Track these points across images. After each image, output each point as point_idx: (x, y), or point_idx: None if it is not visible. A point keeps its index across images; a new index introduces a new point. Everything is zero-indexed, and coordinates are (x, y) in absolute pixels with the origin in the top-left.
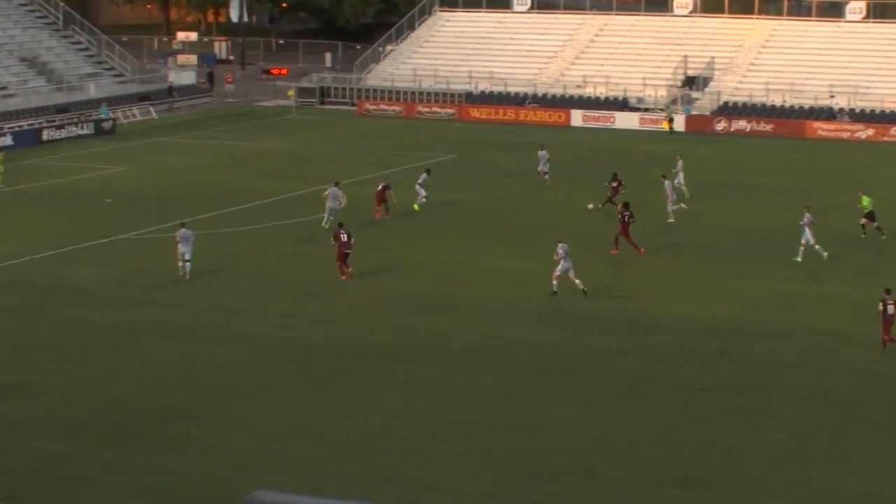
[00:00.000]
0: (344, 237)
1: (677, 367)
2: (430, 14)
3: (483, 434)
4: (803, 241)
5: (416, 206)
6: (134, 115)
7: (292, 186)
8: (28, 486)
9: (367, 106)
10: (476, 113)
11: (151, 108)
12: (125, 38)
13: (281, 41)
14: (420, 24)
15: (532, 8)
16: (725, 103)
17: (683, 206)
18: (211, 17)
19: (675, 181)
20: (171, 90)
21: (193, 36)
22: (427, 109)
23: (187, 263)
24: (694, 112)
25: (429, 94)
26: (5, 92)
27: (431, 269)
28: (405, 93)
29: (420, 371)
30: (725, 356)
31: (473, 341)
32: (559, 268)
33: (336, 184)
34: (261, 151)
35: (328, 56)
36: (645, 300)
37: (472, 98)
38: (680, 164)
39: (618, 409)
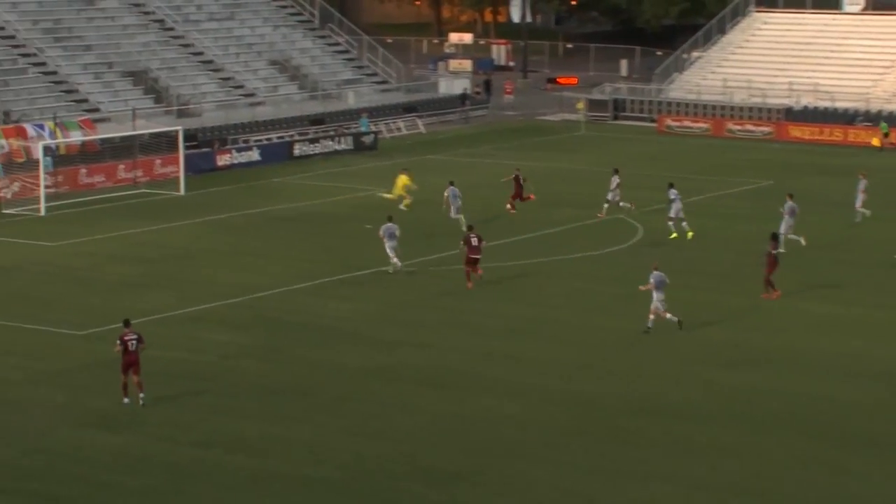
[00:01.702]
0: (474, 241)
1: None
2: (743, 15)
3: None
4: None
5: (689, 234)
6: (398, 129)
7: (580, 214)
8: None
9: (669, 122)
10: (797, 132)
11: (419, 121)
12: (389, 40)
13: (569, 45)
14: (732, 27)
15: (867, 8)
16: None
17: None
18: (489, 17)
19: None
20: (464, 98)
21: (468, 38)
22: (739, 127)
23: (395, 259)
24: None
25: (741, 108)
26: (253, 99)
27: (735, 314)
28: (713, 107)
29: (726, 434)
30: None
31: (791, 401)
32: (654, 301)
33: (452, 183)
34: (544, 173)
35: (624, 63)
36: None
37: (792, 114)
38: (862, 183)
39: None
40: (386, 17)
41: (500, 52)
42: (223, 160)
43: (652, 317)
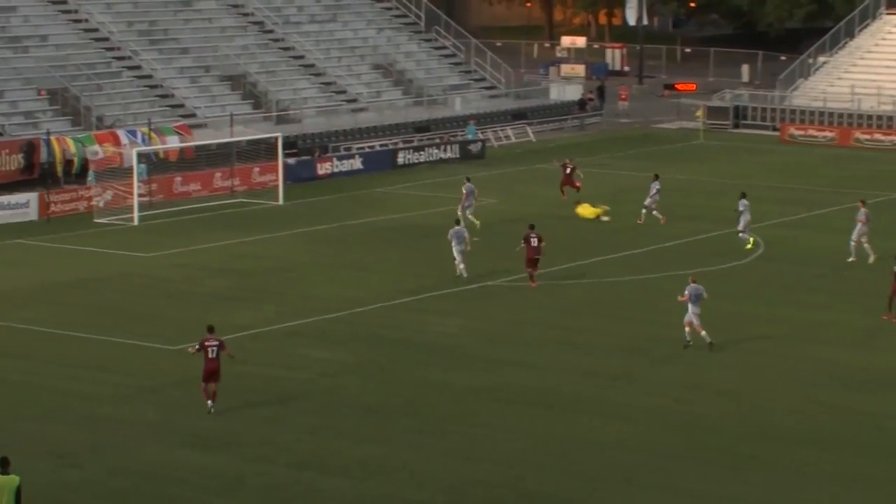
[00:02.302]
0: (534, 241)
1: None
2: (873, 18)
3: None
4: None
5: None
6: (507, 137)
7: (696, 228)
8: None
9: (793, 131)
10: None
11: (528, 129)
12: (499, 43)
13: (687, 49)
14: (861, 31)
15: None
16: None
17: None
18: (603, 20)
19: None
20: (583, 104)
21: (581, 42)
22: (867, 136)
23: (461, 265)
24: None
25: (870, 117)
26: (355, 105)
27: (859, 334)
28: (840, 115)
29: (850, 461)
30: None
31: None
32: (688, 314)
33: (468, 179)
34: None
35: (745, 68)
36: None
37: None
38: None
39: None
40: (495, 19)
41: (614, 56)
42: (324, 168)
43: (687, 329)
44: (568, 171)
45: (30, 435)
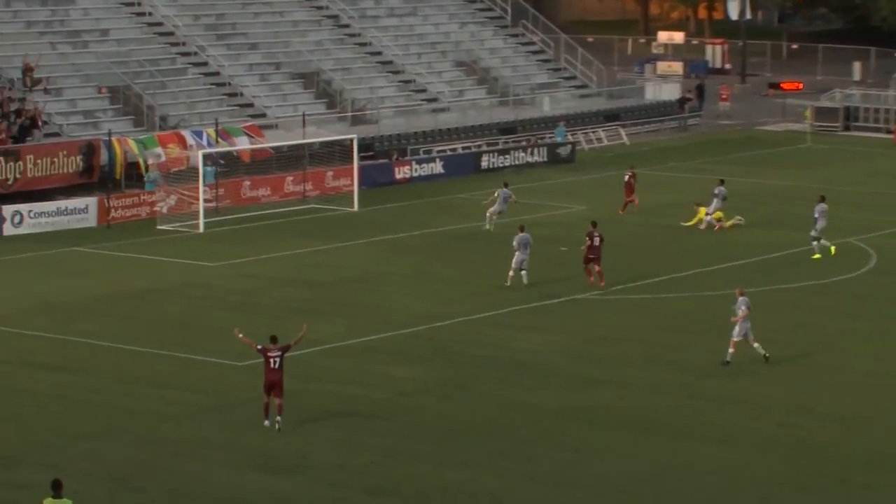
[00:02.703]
0: (597, 240)
1: None
2: None
3: None
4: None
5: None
6: (599, 139)
7: (802, 238)
8: None
9: None
10: None
11: (622, 130)
12: (590, 39)
13: (794, 45)
14: None
15: None
16: None
17: None
18: (703, 14)
19: None
20: (683, 102)
21: (679, 37)
22: None
23: (523, 273)
24: None
25: None
26: (436, 105)
27: None
28: None
29: None
30: None
31: None
32: (736, 330)
33: (506, 184)
34: (763, 191)
35: (857, 66)
36: None
37: None
38: None
39: None
40: (586, 13)
41: (715, 52)
42: (402, 173)
43: (732, 350)
44: (629, 179)
45: (87, 456)
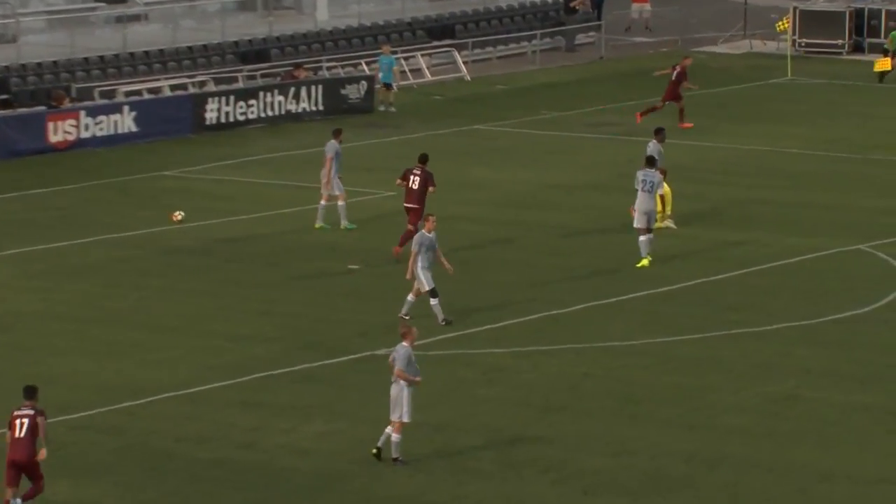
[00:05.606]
0: (416, 181)
1: None
2: None
3: None
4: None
5: None
6: (418, 72)
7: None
8: None
9: None
10: None
11: (457, 55)
12: None
13: None
14: None
15: None
16: None
17: None
18: None
19: None
20: (567, 5)
21: None
22: None
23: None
24: None
25: None
26: (124, 9)
27: None
28: None
29: None
30: None
31: None
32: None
33: (336, 133)
34: (712, 162)
35: None
36: None
37: None
38: None
39: None
40: None
41: None
42: (62, 132)
43: None
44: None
45: None
